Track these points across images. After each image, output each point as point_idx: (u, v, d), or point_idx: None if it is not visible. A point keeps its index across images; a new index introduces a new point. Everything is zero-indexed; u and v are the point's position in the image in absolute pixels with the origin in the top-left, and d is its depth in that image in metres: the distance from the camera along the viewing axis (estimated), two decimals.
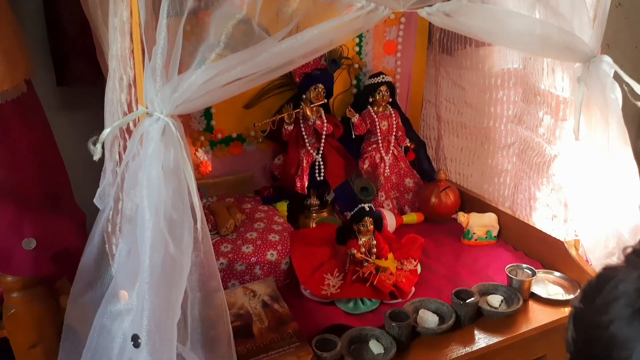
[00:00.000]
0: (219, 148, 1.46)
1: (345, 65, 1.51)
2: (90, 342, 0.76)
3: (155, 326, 0.69)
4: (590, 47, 1.05)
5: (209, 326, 0.79)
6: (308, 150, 1.42)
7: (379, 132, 1.49)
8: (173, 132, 0.72)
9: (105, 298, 0.77)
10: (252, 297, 1.07)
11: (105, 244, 0.81)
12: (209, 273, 0.78)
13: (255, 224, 1.29)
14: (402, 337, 0.99)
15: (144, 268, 0.69)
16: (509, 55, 1.40)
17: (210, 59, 0.74)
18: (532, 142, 1.35)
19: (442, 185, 1.46)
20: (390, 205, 1.51)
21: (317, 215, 1.45)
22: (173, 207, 0.72)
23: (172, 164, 0.72)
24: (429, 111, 1.67)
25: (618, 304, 0.41)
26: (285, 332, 0.98)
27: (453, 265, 1.27)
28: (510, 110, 1.44)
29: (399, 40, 1.58)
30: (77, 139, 1.23)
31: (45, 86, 1.32)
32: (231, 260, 1.16)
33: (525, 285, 1.12)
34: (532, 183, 1.35)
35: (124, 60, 0.75)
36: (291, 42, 0.81)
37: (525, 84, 1.36)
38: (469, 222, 1.36)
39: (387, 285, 1.12)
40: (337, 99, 1.54)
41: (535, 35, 1.02)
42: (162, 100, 0.72)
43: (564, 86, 1.20)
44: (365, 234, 1.20)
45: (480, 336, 1.03)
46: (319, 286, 1.14)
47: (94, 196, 0.85)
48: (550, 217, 1.29)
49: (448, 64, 1.56)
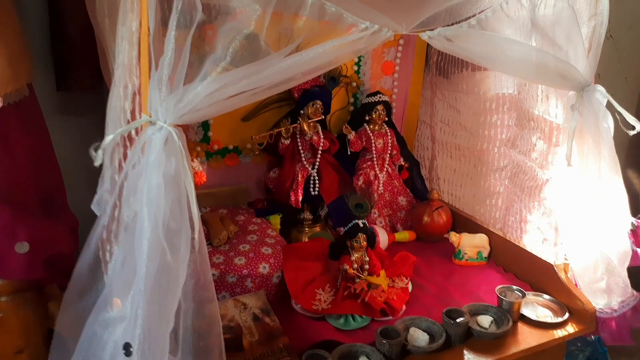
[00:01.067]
0: (215, 159, 1.46)
1: (344, 83, 1.54)
2: (80, 350, 0.75)
3: (148, 335, 0.69)
4: (584, 77, 1.08)
5: (200, 337, 0.78)
6: (304, 164, 1.43)
7: (374, 150, 1.51)
8: (176, 141, 0.73)
9: (97, 305, 0.76)
10: (242, 310, 1.07)
11: (99, 251, 0.80)
12: (204, 283, 0.78)
13: (248, 236, 1.29)
14: (393, 354, 0.99)
15: (139, 276, 0.69)
16: (504, 80, 1.44)
17: (216, 72, 0.75)
18: (524, 166, 1.37)
19: (434, 204, 1.48)
20: (383, 222, 1.52)
21: (310, 229, 1.46)
22: (172, 216, 0.73)
23: (173, 173, 0.73)
24: (423, 132, 1.69)
25: None
26: (275, 346, 0.98)
27: (444, 284, 1.27)
28: (504, 134, 1.46)
29: (397, 62, 1.61)
30: (73, 144, 1.23)
31: (45, 91, 1.32)
32: (223, 272, 1.16)
33: (515, 306, 1.13)
34: (524, 206, 1.37)
35: (130, 69, 0.76)
36: (296, 59, 0.82)
37: (519, 109, 1.39)
38: (460, 242, 1.37)
39: (379, 302, 1.12)
40: (334, 116, 1.56)
41: (531, 62, 1.05)
42: (167, 109, 0.73)
43: (558, 113, 1.23)
44: (358, 250, 1.20)
45: (470, 356, 1.03)
46: (310, 301, 1.14)
47: (88, 202, 0.85)
48: (540, 240, 1.31)
49: (444, 86, 1.59)
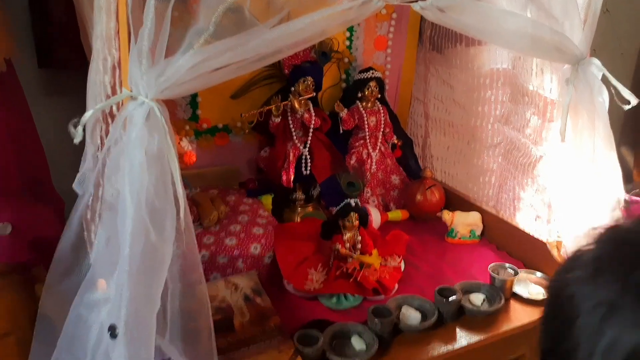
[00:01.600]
0: (205, 138, 1.43)
1: (335, 59, 1.50)
2: (66, 332, 0.74)
3: (134, 317, 0.67)
4: (580, 50, 1.06)
5: (189, 319, 0.77)
6: (295, 143, 1.40)
7: (367, 128, 1.48)
8: (158, 117, 0.70)
9: (82, 287, 0.75)
10: (234, 291, 1.06)
11: (83, 231, 0.78)
12: (191, 264, 0.76)
13: (239, 217, 1.27)
14: (385, 333, 0.98)
15: (123, 256, 0.67)
16: (498, 55, 1.41)
17: (199, 44, 0.71)
18: (518, 142, 1.35)
19: (427, 183, 1.46)
20: (376, 201, 1.51)
21: (302, 209, 1.44)
22: (156, 195, 0.70)
23: (156, 150, 0.70)
24: (417, 109, 1.67)
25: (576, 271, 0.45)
26: (267, 326, 0.97)
27: (436, 263, 1.27)
28: (497, 110, 1.44)
29: (390, 37, 1.57)
30: (57, 124, 1.19)
31: (26, 69, 1.28)
32: (213, 253, 1.14)
33: (508, 284, 1.13)
34: (517, 183, 1.36)
35: (109, 41, 0.72)
36: (282, 30, 0.79)
37: (513, 84, 1.37)
38: (453, 220, 1.36)
39: (371, 282, 1.12)
40: (326, 93, 1.53)
41: (526, 34, 1.02)
42: (148, 83, 0.70)
43: (552, 87, 1.20)
44: (351, 229, 1.19)
45: (462, 334, 1.03)
46: (302, 281, 1.13)
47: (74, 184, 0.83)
48: (533, 218, 1.30)
49: (438, 62, 1.56)
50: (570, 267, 0.46)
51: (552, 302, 0.48)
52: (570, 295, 0.44)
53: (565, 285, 0.45)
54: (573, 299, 0.44)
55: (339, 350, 0.95)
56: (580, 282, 0.44)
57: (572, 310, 0.43)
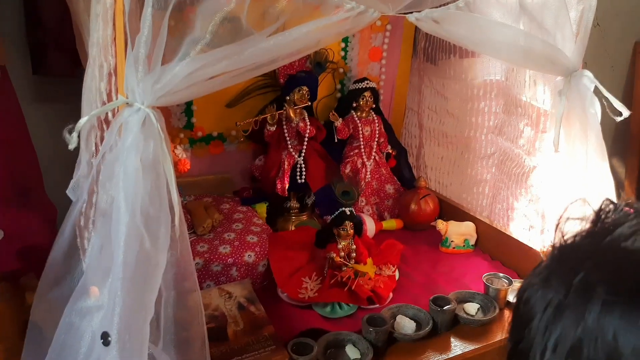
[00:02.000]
0: (199, 146, 1.43)
1: (330, 69, 1.51)
2: (57, 340, 0.73)
3: (127, 324, 0.67)
4: (572, 61, 1.07)
5: (182, 327, 0.76)
6: (290, 152, 1.40)
7: (362, 137, 1.49)
8: (154, 123, 0.70)
9: (74, 294, 0.74)
10: (227, 299, 1.05)
11: (76, 238, 0.77)
12: (185, 272, 0.75)
13: (234, 225, 1.26)
14: (379, 342, 0.98)
15: (117, 264, 0.67)
16: (491, 66, 1.42)
17: (195, 52, 0.72)
18: (511, 153, 1.37)
19: (422, 192, 1.47)
20: (370, 210, 1.51)
21: (297, 218, 1.44)
22: (150, 202, 0.70)
23: (152, 158, 0.70)
24: (411, 119, 1.68)
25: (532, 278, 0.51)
26: (260, 335, 0.96)
27: (430, 272, 1.27)
28: (491, 121, 1.46)
29: (384, 48, 1.58)
30: (51, 131, 1.19)
31: (20, 76, 1.27)
32: (207, 261, 1.13)
33: (502, 294, 1.13)
34: (511, 193, 1.37)
35: (105, 48, 0.72)
36: (278, 39, 0.79)
37: (506, 95, 1.38)
38: (447, 230, 1.36)
39: (365, 290, 1.11)
40: (321, 103, 1.53)
41: (519, 46, 1.03)
42: (144, 90, 0.70)
43: (545, 99, 1.22)
44: (345, 238, 1.19)
45: (457, 343, 1.03)
46: (296, 289, 1.12)
47: (67, 190, 0.82)
48: (527, 228, 1.31)
49: (432, 73, 1.57)
50: (529, 276, 0.52)
51: (515, 307, 0.53)
52: (527, 299, 0.50)
53: (523, 292, 0.51)
54: (528, 303, 0.49)
55: (333, 359, 0.95)
56: (534, 288, 0.50)
57: (528, 312, 0.49)
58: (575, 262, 0.48)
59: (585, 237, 0.50)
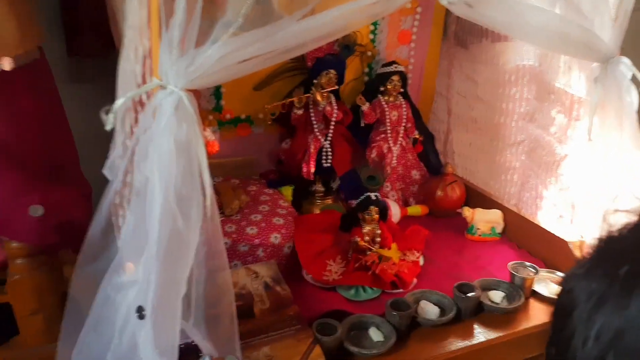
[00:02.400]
0: (227, 128, 1.45)
1: (358, 52, 1.50)
2: (94, 312, 0.76)
3: (160, 300, 0.69)
4: (609, 47, 1.04)
5: (212, 304, 0.78)
6: (316, 135, 1.41)
7: (389, 122, 1.48)
8: (187, 106, 0.71)
9: (110, 269, 0.77)
10: (254, 279, 1.07)
11: (112, 216, 0.80)
12: (216, 251, 0.78)
13: (260, 207, 1.29)
14: (402, 326, 0.99)
15: (151, 241, 0.69)
16: (524, 51, 1.39)
17: (227, 35, 0.72)
18: (542, 140, 1.34)
19: (448, 179, 1.46)
20: (396, 196, 1.51)
21: (322, 202, 1.45)
22: (183, 183, 0.72)
23: (184, 139, 0.72)
24: (439, 104, 1.66)
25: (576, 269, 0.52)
26: (286, 314, 0.98)
27: (455, 259, 1.27)
28: (522, 107, 1.42)
29: (414, 31, 1.56)
30: (85, 111, 1.22)
31: (55, 56, 1.31)
32: (235, 241, 1.16)
33: (528, 282, 1.12)
34: (540, 182, 1.34)
35: (141, 31, 0.74)
36: (309, 23, 0.79)
37: (539, 81, 1.35)
38: (473, 217, 1.36)
39: (389, 275, 1.12)
40: (348, 87, 1.53)
41: (554, 31, 1.00)
42: (177, 73, 0.71)
43: (580, 85, 1.19)
44: (370, 222, 1.20)
45: (480, 331, 1.03)
46: (320, 272, 1.14)
47: (101, 169, 0.85)
48: (556, 217, 1.29)
49: (462, 57, 1.54)
50: (573, 267, 0.53)
51: (557, 297, 0.55)
52: (570, 289, 0.51)
53: (566, 281, 0.53)
54: (572, 293, 0.50)
55: (356, 341, 0.96)
56: (577, 278, 0.51)
57: (571, 302, 0.50)
58: (621, 254, 0.48)
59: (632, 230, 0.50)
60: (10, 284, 0.98)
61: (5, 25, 0.88)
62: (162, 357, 0.70)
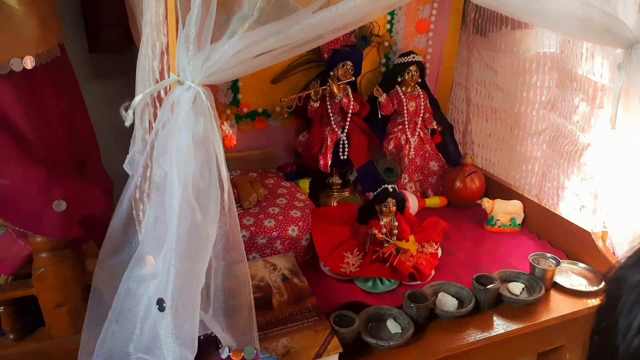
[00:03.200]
0: (244, 122, 1.46)
1: (375, 43, 1.49)
2: (116, 304, 0.78)
3: (180, 292, 0.71)
4: (633, 33, 1.01)
5: (230, 296, 0.80)
6: (333, 128, 1.40)
7: (406, 113, 1.47)
8: (204, 101, 0.72)
9: (131, 262, 0.79)
10: (272, 271, 1.09)
11: (133, 210, 0.82)
12: (234, 244, 0.79)
13: (278, 199, 1.29)
14: (420, 318, 0.99)
15: (170, 235, 0.70)
16: (545, 38, 1.36)
17: (243, 29, 0.73)
18: (564, 129, 1.31)
19: (467, 170, 1.44)
20: (414, 187, 1.50)
21: (339, 194, 1.45)
22: (201, 177, 0.73)
23: (202, 134, 0.73)
24: (458, 94, 1.64)
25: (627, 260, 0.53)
26: (304, 306, 0.99)
27: (474, 250, 1.26)
28: (543, 95, 1.39)
29: (432, 20, 1.54)
30: (106, 106, 1.25)
31: (77, 53, 1.33)
32: (253, 234, 1.17)
33: (548, 274, 1.10)
34: (562, 172, 1.31)
35: (158, 27, 0.75)
36: (325, 14, 0.79)
37: (561, 68, 1.32)
38: (493, 208, 1.34)
39: (407, 267, 1.12)
40: (365, 78, 1.52)
41: (575, 17, 0.98)
42: (194, 68, 0.72)
43: (603, 72, 1.15)
44: (387, 214, 1.19)
45: (499, 322, 1.02)
46: (338, 264, 1.15)
47: (121, 164, 0.86)
48: (578, 208, 1.27)
49: (481, 45, 1.52)
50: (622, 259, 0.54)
51: (605, 287, 0.55)
52: (616, 280, 0.52)
53: (613, 273, 0.53)
54: (617, 284, 0.51)
55: (374, 332, 0.97)
56: (624, 269, 0.51)
57: (618, 290, 0.50)
58: None
59: None
60: (37, 277, 1.01)
61: (27, 24, 0.90)
62: (182, 347, 0.71)
